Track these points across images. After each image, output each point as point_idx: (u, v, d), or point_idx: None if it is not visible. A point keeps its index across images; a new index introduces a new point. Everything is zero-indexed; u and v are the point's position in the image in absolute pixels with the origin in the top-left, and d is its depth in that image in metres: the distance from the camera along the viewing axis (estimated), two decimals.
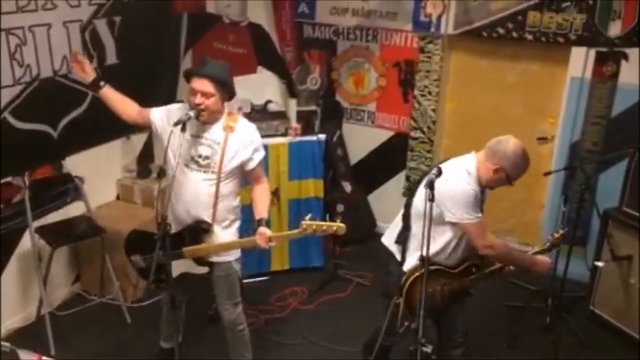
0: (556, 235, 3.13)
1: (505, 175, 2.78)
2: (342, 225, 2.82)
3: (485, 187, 2.87)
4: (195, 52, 5.09)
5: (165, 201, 2.84)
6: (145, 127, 3.23)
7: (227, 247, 3.03)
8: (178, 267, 3.02)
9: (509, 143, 2.80)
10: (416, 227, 2.85)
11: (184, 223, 2.99)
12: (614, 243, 3.84)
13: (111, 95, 3.18)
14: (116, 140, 4.43)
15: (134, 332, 3.91)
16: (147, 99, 4.47)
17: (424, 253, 2.49)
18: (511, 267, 2.98)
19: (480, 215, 2.79)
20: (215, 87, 2.83)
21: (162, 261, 2.86)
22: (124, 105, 3.18)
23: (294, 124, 4.52)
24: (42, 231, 3.80)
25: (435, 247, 2.79)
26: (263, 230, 2.92)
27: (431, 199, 2.56)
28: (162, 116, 3.06)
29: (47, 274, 3.81)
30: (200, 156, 2.92)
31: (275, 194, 4.45)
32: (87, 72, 3.18)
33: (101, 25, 4.01)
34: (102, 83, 3.16)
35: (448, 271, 2.92)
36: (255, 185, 3.10)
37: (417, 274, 2.80)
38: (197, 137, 2.91)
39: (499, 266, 2.97)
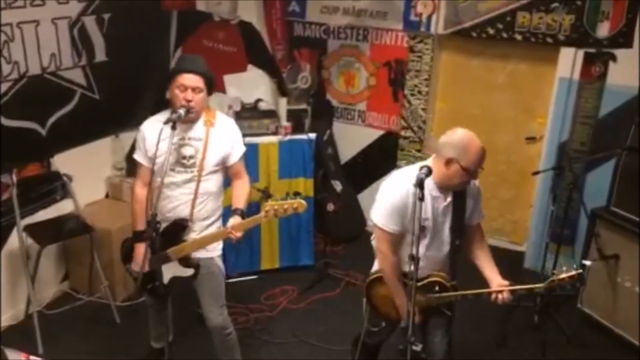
0: (561, 275, 2.61)
1: (459, 166, 2.54)
2: (302, 201, 2.78)
3: (447, 187, 2.66)
4: (185, 49, 5.07)
5: (154, 200, 2.82)
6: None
7: (202, 242, 2.99)
8: (168, 272, 3.01)
9: (455, 133, 2.61)
10: None
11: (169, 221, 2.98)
12: (602, 242, 3.87)
13: (142, 217, 2.90)
14: (105, 138, 4.40)
15: (122, 331, 3.89)
16: (135, 97, 4.48)
17: (414, 252, 2.47)
18: (501, 298, 2.66)
19: (392, 229, 2.64)
20: (203, 83, 2.85)
21: (154, 267, 2.84)
22: (143, 201, 2.96)
23: (284, 122, 4.52)
24: (30, 229, 3.77)
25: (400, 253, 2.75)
26: (232, 219, 2.89)
27: (421, 197, 2.55)
28: (143, 146, 3.00)
29: (36, 273, 3.78)
30: (184, 157, 2.91)
31: (265, 192, 4.44)
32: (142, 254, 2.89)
33: (90, 22, 3.98)
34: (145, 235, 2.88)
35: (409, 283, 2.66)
36: (236, 180, 3.06)
37: (374, 276, 2.85)
38: (179, 140, 2.89)
39: (472, 292, 2.75)
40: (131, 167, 4.50)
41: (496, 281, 2.72)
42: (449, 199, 2.68)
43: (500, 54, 4.64)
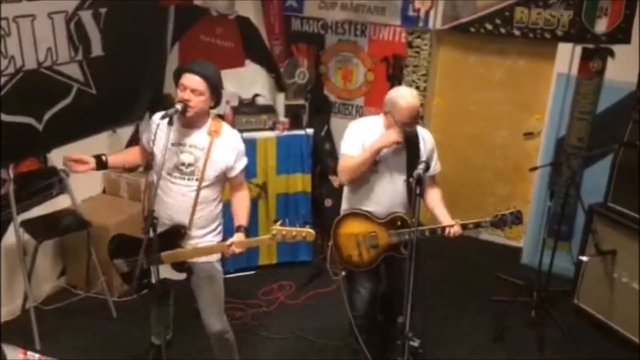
0: (503, 211, 3.02)
1: (393, 118, 2.94)
2: (311, 231, 2.76)
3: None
4: (182, 44, 5.06)
5: (152, 196, 2.81)
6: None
7: (199, 252, 2.97)
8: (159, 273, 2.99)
9: (393, 91, 3.04)
10: None
11: (166, 227, 2.95)
12: (599, 238, 3.88)
13: (117, 160, 3.13)
14: (102, 133, 4.39)
15: (120, 327, 3.89)
16: (132, 92, 4.47)
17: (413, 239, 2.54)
18: (453, 231, 2.95)
19: (351, 152, 2.99)
20: (205, 86, 2.77)
21: (144, 266, 2.83)
22: (132, 158, 3.17)
23: (282, 118, 4.52)
24: (27, 225, 3.76)
25: (356, 192, 3.10)
26: (235, 236, 2.89)
27: (418, 193, 2.58)
28: (148, 134, 2.99)
29: (32, 268, 3.78)
30: (183, 164, 2.86)
31: (263, 188, 4.44)
32: (88, 161, 2.95)
33: (86, 16, 3.96)
34: (104, 158, 3.00)
35: (374, 220, 3.06)
36: (236, 192, 3.03)
37: (340, 216, 3.14)
38: (179, 145, 2.86)
39: (428, 228, 3.01)
40: None
41: (446, 221, 3.05)
42: (399, 146, 2.98)
43: (498, 49, 4.63)
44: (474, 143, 4.88)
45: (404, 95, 2.94)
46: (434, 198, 3.16)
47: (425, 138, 3.12)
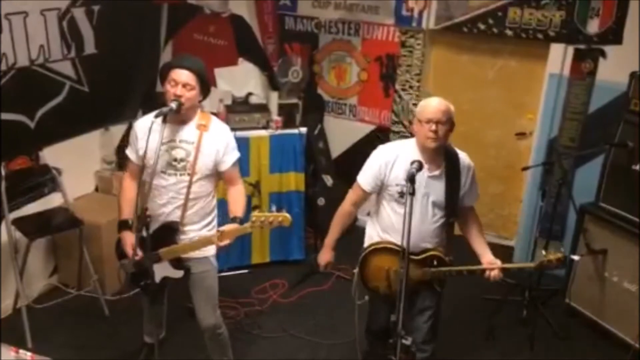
0: (550, 255, 2.82)
1: (419, 121, 2.74)
2: (287, 215, 2.80)
3: (423, 148, 2.77)
4: (175, 43, 5.04)
5: (145, 195, 2.81)
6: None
7: (194, 246, 2.97)
8: (159, 272, 3.00)
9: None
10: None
11: (160, 224, 2.96)
12: (590, 237, 3.91)
13: (132, 208, 2.96)
14: (95, 131, 4.37)
15: (112, 325, 3.88)
16: (125, 91, 4.45)
17: (404, 244, 2.49)
18: (493, 274, 2.85)
19: (362, 184, 2.91)
20: (195, 80, 2.80)
21: (145, 264, 2.83)
22: (133, 192, 3.00)
23: (275, 116, 4.51)
24: (19, 223, 3.74)
25: (380, 221, 2.95)
26: (226, 226, 2.89)
27: (412, 192, 2.57)
28: (133, 144, 2.99)
29: (24, 266, 3.76)
30: (175, 160, 2.87)
31: (256, 186, 4.44)
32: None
33: (79, 14, 3.94)
34: (131, 222, 2.98)
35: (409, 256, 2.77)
36: (230, 187, 3.05)
37: (371, 248, 2.96)
38: (170, 142, 2.86)
39: (466, 268, 2.88)
40: (121, 160, 4.48)
41: (487, 258, 2.88)
42: (437, 172, 2.79)
43: (491, 49, 4.65)
44: (466, 142, 4.85)
45: (432, 98, 2.79)
46: (473, 230, 2.99)
47: (463, 160, 2.87)
